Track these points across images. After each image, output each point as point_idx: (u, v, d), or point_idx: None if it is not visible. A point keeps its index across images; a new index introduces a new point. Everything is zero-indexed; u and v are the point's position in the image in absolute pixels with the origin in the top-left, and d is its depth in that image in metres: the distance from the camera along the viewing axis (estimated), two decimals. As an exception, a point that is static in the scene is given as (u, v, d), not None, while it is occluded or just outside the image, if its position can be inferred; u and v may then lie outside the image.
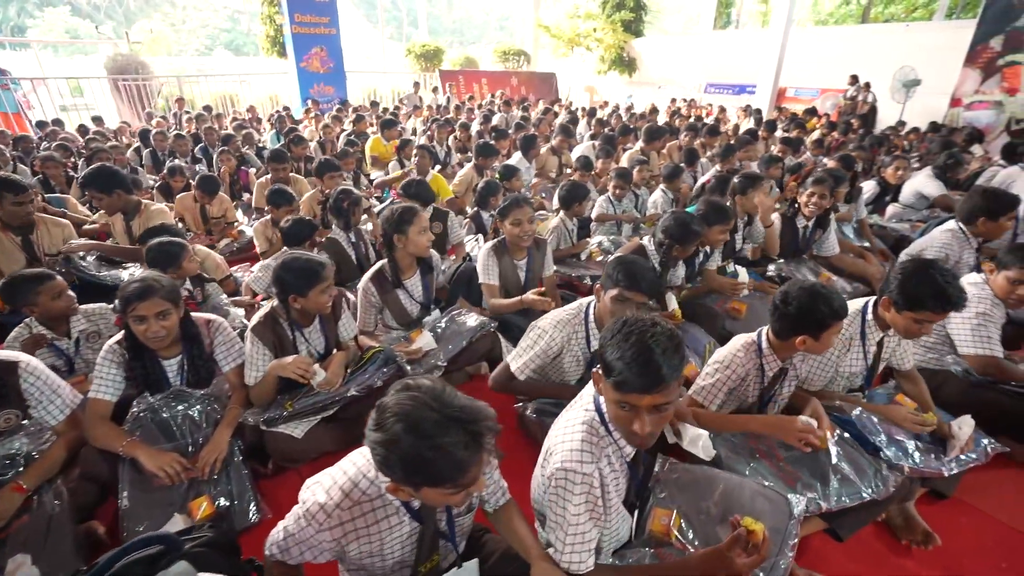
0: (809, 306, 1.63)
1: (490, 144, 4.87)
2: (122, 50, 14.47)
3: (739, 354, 1.81)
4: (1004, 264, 2.22)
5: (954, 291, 1.76)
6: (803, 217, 3.38)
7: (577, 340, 2.00)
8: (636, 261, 1.87)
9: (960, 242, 2.93)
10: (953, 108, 10.74)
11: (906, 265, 1.88)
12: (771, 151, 6.11)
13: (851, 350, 2.04)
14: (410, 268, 2.56)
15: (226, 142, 6.09)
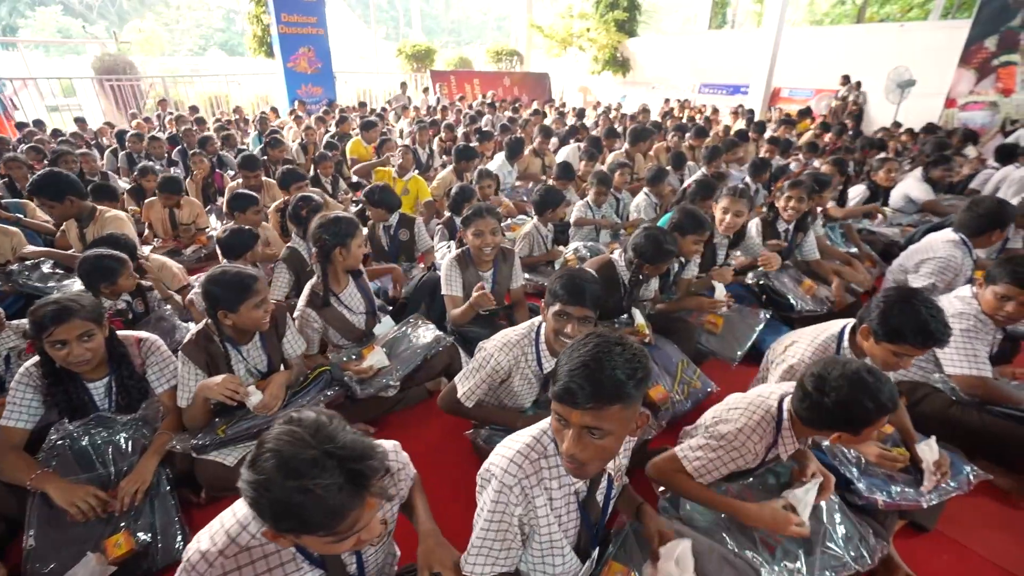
0: (852, 400, 1.32)
1: (469, 147, 4.73)
2: (110, 50, 14.28)
3: (754, 436, 1.47)
4: (993, 278, 2.08)
5: (937, 326, 1.62)
6: (783, 221, 3.24)
7: (527, 362, 1.86)
8: (576, 273, 1.74)
9: (963, 254, 2.75)
10: (948, 109, 10.64)
11: (889, 293, 1.74)
12: (761, 153, 5.99)
13: None
14: (343, 279, 2.42)
15: (203, 144, 5.94)
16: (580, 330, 1.70)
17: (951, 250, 2.73)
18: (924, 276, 2.78)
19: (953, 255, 2.71)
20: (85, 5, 25.78)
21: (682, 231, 2.57)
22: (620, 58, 15.16)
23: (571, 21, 14.86)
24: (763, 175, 4.84)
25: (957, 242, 2.77)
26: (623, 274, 2.50)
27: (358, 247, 2.29)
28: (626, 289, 2.49)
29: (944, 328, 1.62)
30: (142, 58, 23.64)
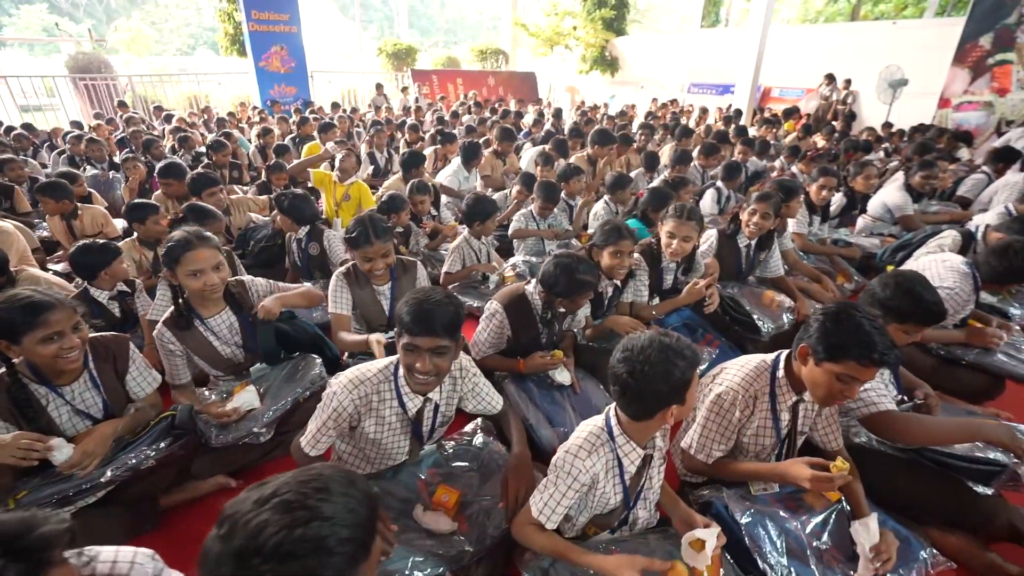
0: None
1: (416, 153, 4.40)
2: (85, 48, 13.96)
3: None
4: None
5: (883, 341, 1.35)
6: (744, 236, 2.90)
7: (383, 400, 1.56)
8: (427, 296, 1.44)
9: (971, 290, 2.38)
10: (942, 109, 10.29)
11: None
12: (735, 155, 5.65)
13: (755, 416, 1.58)
14: (213, 304, 2.07)
15: (147, 147, 5.61)
16: (435, 365, 1.43)
17: (959, 281, 2.36)
18: None
19: (963, 288, 2.35)
20: (71, 3, 25.46)
21: (599, 243, 2.24)
22: (608, 57, 14.81)
23: (556, 19, 14.50)
24: (735, 179, 4.50)
25: (968, 275, 2.38)
26: (537, 309, 2.16)
27: (187, 276, 1.92)
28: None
29: (890, 346, 1.35)
30: (128, 57, 23.39)
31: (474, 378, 1.75)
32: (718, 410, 1.58)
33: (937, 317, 1.68)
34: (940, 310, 1.68)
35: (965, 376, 2.33)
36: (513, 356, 2.20)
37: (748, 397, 1.56)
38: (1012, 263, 2.27)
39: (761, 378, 1.59)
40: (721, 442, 1.60)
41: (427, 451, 1.78)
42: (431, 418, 1.68)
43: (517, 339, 2.17)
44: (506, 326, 2.14)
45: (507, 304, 2.12)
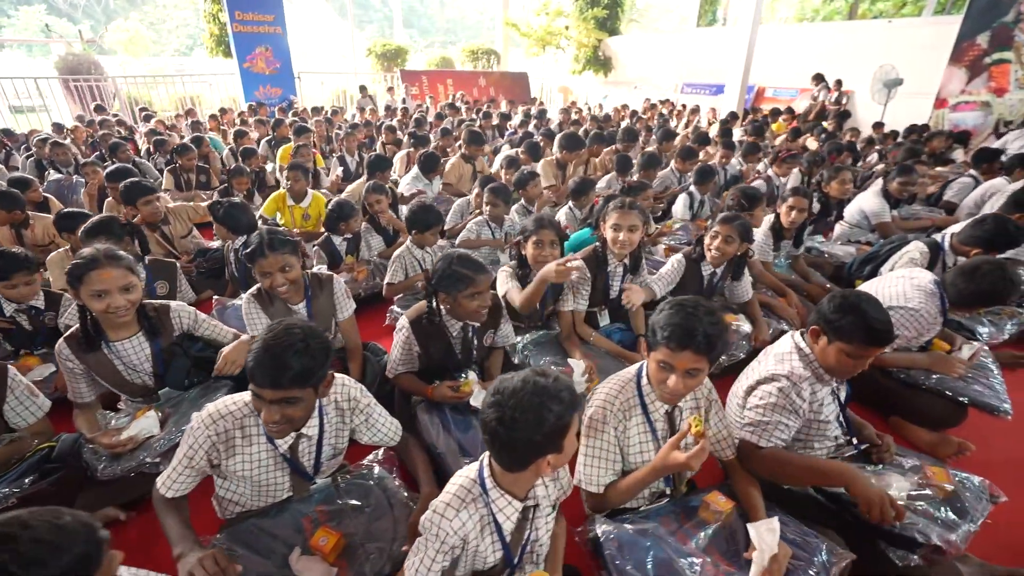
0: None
1: (383, 156, 4.27)
2: (76, 50, 13.92)
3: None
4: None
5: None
6: (708, 264, 2.69)
7: (248, 436, 1.44)
8: (277, 340, 1.28)
9: (937, 311, 2.19)
10: (938, 109, 10.08)
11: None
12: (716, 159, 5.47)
13: (631, 431, 1.52)
14: (124, 328, 1.93)
15: (114, 151, 5.49)
16: (284, 415, 1.32)
17: (927, 302, 2.18)
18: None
19: (928, 310, 2.17)
20: (70, 4, 25.49)
21: (522, 235, 2.30)
22: (602, 57, 14.65)
23: (548, 19, 14.33)
24: (707, 183, 4.33)
25: (935, 294, 2.20)
26: (452, 330, 2.04)
27: (90, 297, 1.78)
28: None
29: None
30: (124, 58, 23.38)
31: (367, 409, 1.61)
32: (592, 433, 1.49)
33: (883, 338, 1.51)
34: (886, 329, 1.52)
35: (925, 401, 2.18)
36: (434, 374, 2.07)
37: (618, 411, 1.49)
38: (980, 286, 2.06)
39: (627, 390, 1.53)
40: (606, 467, 1.50)
41: (320, 485, 1.64)
42: (312, 453, 1.54)
43: (429, 357, 2.03)
44: (413, 342, 2.00)
45: (413, 318, 1.99)
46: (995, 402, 2.05)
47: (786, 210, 3.30)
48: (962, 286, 2.11)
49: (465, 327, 2.03)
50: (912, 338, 2.22)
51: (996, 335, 2.67)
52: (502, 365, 2.26)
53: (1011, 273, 2.05)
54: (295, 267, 2.05)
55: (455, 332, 2.03)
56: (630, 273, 2.57)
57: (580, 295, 2.45)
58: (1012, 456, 2.20)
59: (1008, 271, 2.06)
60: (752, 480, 1.58)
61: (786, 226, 3.33)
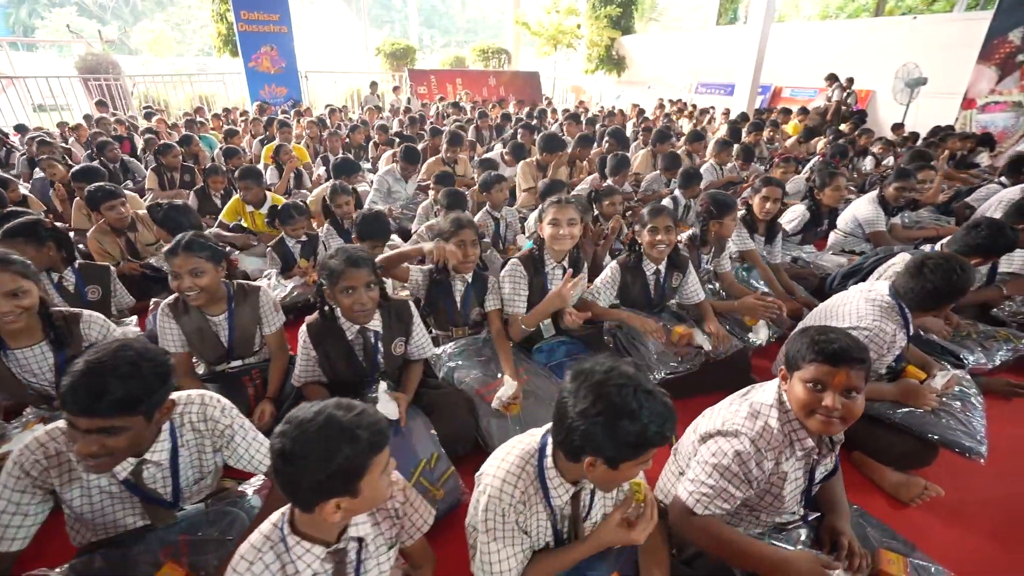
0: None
1: (349, 160, 4.16)
2: (96, 49, 14.25)
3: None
4: (796, 361, 1.35)
5: (654, 423, 1.04)
6: (651, 261, 2.53)
7: None
8: (99, 360, 1.15)
9: (896, 328, 1.90)
10: (966, 110, 9.54)
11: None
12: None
13: (530, 516, 1.24)
14: (23, 335, 1.84)
15: (101, 149, 5.51)
16: (103, 446, 1.18)
17: (882, 318, 1.91)
18: None
19: (883, 328, 1.89)
20: (99, 6, 26.25)
21: (443, 236, 2.16)
22: (615, 56, 14.36)
23: (558, 17, 14.11)
24: (693, 187, 4.10)
25: (892, 307, 1.94)
26: (356, 347, 1.91)
27: None
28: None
29: (660, 428, 1.08)
30: (148, 58, 23.95)
31: (228, 432, 1.46)
32: (488, 522, 1.21)
33: (832, 350, 1.27)
34: (826, 339, 1.30)
35: (891, 438, 1.94)
36: (346, 387, 1.93)
37: (518, 504, 1.21)
38: (927, 283, 1.83)
39: (525, 475, 1.23)
40: (505, 558, 1.22)
41: (189, 511, 1.51)
42: (166, 478, 1.40)
43: (330, 364, 1.89)
44: (310, 348, 1.87)
45: (310, 322, 1.86)
46: (968, 441, 1.81)
47: (759, 201, 3.11)
48: (913, 287, 1.88)
49: (363, 331, 1.89)
50: (872, 361, 1.98)
51: (985, 362, 2.40)
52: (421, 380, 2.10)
53: (958, 263, 1.84)
54: (208, 273, 1.92)
55: (352, 335, 1.88)
56: (574, 273, 2.39)
57: (517, 297, 2.28)
58: (989, 499, 1.95)
59: (956, 261, 1.84)
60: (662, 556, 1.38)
61: (759, 216, 3.14)
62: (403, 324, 1.98)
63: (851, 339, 1.30)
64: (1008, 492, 1.99)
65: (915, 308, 1.92)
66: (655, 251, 2.42)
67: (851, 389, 1.25)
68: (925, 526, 1.83)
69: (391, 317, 1.94)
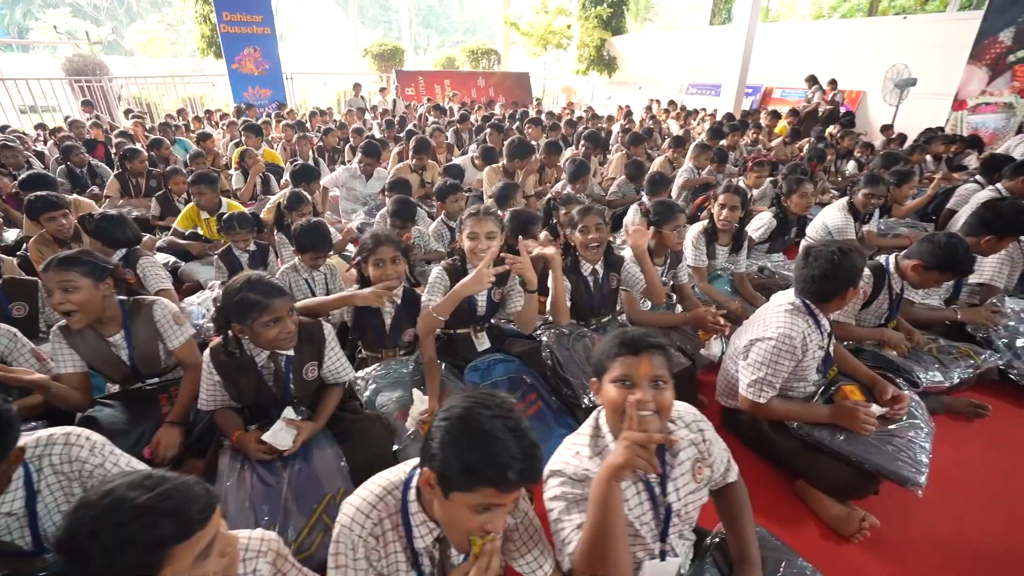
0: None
1: (308, 166, 4.06)
2: (83, 50, 14.19)
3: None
4: (603, 363, 1.31)
5: (502, 456, 0.94)
6: (586, 262, 2.44)
7: None
8: None
9: (806, 327, 1.86)
10: (956, 111, 9.43)
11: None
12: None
13: (388, 553, 1.13)
14: None
15: (67, 154, 5.42)
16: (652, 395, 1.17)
17: (787, 326, 1.85)
18: (751, 369, 1.92)
19: (788, 335, 1.83)
20: (93, 6, 26.18)
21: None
22: (606, 57, 14.25)
23: (547, 17, 13.99)
24: (660, 193, 4.00)
25: (796, 310, 1.90)
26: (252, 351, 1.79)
27: None
28: None
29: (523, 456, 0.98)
30: (144, 59, 23.88)
31: (100, 470, 1.34)
32: (338, 556, 1.11)
33: (629, 341, 1.22)
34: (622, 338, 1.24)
35: (828, 466, 1.83)
36: (255, 412, 1.85)
37: (369, 537, 1.11)
38: (814, 271, 1.82)
39: (385, 505, 1.12)
40: None
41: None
42: (24, 528, 1.30)
43: (239, 392, 1.79)
44: (214, 374, 1.76)
45: (214, 347, 1.75)
46: (908, 471, 1.69)
47: (718, 209, 3.01)
48: (804, 278, 1.87)
49: (274, 356, 1.78)
50: (780, 376, 1.87)
51: (942, 380, 2.29)
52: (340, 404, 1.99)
53: (839, 246, 1.83)
54: (83, 290, 1.79)
55: (261, 361, 1.78)
56: (496, 287, 2.30)
57: (433, 295, 2.18)
58: (934, 536, 1.84)
59: (838, 247, 1.83)
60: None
61: (720, 227, 3.03)
62: (315, 347, 1.87)
63: (650, 332, 1.26)
64: (955, 528, 1.88)
65: (816, 299, 1.89)
66: (589, 251, 2.36)
67: (657, 379, 1.17)
68: (859, 565, 1.73)
69: (302, 340, 1.84)
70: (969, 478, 2.10)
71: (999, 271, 2.83)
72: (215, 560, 0.91)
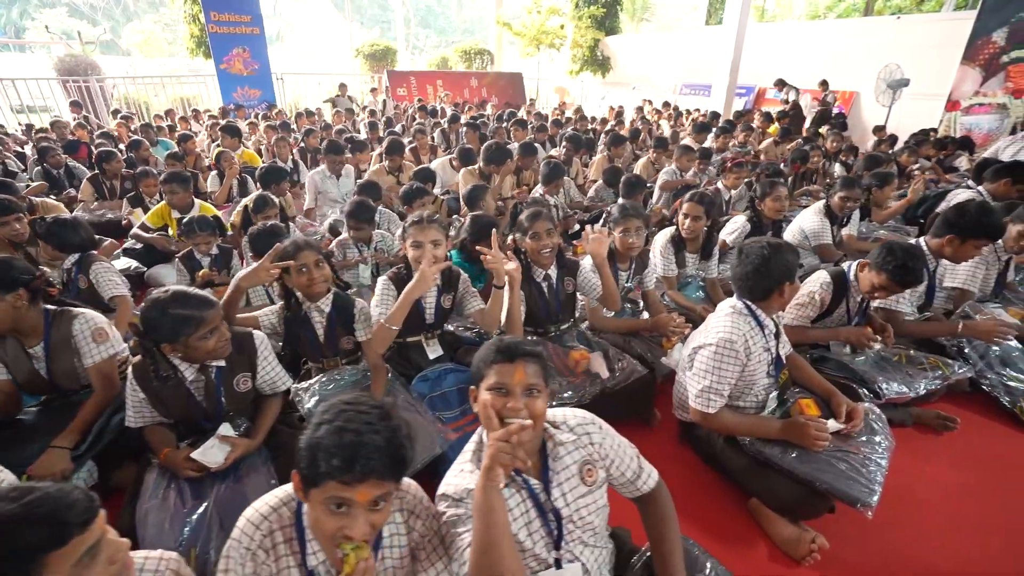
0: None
1: (275, 168, 3.99)
2: (75, 50, 14.14)
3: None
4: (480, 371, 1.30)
5: (343, 449, 0.97)
6: (539, 267, 2.37)
7: None
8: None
9: (749, 328, 1.81)
10: (950, 112, 9.35)
11: None
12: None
13: (280, 567, 1.08)
14: None
15: (43, 155, 5.36)
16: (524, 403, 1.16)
17: (727, 329, 1.79)
18: (696, 377, 1.86)
19: (729, 339, 1.77)
20: (90, 6, 26.16)
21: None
22: (600, 57, 14.17)
23: (539, 17, 13.91)
24: (635, 196, 3.93)
25: (739, 314, 1.84)
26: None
27: None
28: None
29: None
30: (140, 59, 23.85)
31: None
32: (227, 572, 1.05)
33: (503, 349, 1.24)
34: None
35: (779, 484, 1.76)
36: (186, 427, 1.78)
37: (259, 548, 1.06)
38: (747, 267, 1.80)
39: (282, 513, 1.09)
40: None
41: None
42: None
43: (168, 409, 1.72)
44: (138, 391, 1.69)
45: (136, 364, 1.68)
46: (859, 490, 1.61)
47: (681, 218, 2.93)
48: (738, 276, 1.85)
49: (203, 369, 1.71)
50: (726, 382, 1.80)
51: (907, 391, 2.21)
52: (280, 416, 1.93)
53: (768, 242, 1.81)
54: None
55: (191, 377, 1.71)
56: (445, 293, 2.24)
57: (382, 307, 2.12)
58: (892, 558, 1.77)
59: (768, 242, 1.81)
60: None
61: (685, 236, 2.96)
62: (245, 357, 1.80)
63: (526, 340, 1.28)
64: (915, 549, 1.81)
65: (755, 298, 1.84)
66: (541, 257, 2.31)
67: (531, 387, 1.15)
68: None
69: (232, 351, 1.77)
70: (933, 495, 2.02)
71: (972, 275, 2.77)
72: (103, 567, 0.90)
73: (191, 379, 1.72)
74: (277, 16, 28.69)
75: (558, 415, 1.29)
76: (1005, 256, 2.84)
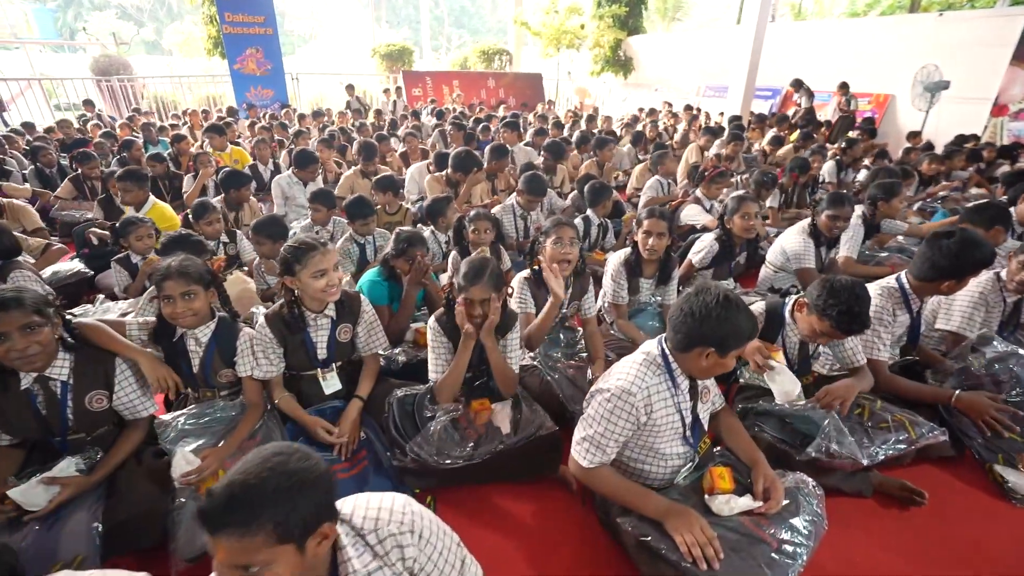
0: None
1: (235, 172, 3.88)
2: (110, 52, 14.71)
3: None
4: None
5: None
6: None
7: None
8: None
9: (657, 379, 1.53)
10: (996, 117, 8.56)
11: None
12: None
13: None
14: None
15: (35, 154, 5.45)
16: None
17: (629, 380, 1.52)
18: (584, 423, 1.60)
19: (628, 391, 1.49)
20: (137, 8, 27.32)
21: None
22: (622, 58, 13.74)
23: (557, 16, 13.57)
24: (602, 204, 3.65)
25: (649, 360, 1.56)
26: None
27: None
28: None
29: None
30: (180, 59, 24.71)
31: None
32: None
33: None
34: None
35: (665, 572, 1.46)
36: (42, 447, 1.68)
37: None
38: (687, 308, 1.46)
39: None
40: None
41: None
42: None
43: (7, 421, 1.60)
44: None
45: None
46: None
47: (641, 236, 2.61)
48: (674, 312, 1.51)
49: (42, 379, 1.59)
50: (613, 438, 1.52)
51: (859, 456, 1.84)
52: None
53: (727, 299, 1.44)
54: None
55: (27, 383, 1.57)
56: (342, 323, 2.03)
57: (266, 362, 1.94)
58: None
59: (727, 296, 1.45)
60: None
61: (646, 257, 2.64)
62: (100, 373, 1.65)
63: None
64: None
65: (676, 347, 1.53)
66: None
67: (243, 564, 0.87)
68: None
69: (86, 363, 1.61)
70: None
71: (970, 318, 2.37)
72: None
73: (27, 387, 1.57)
74: (311, 16, 29.26)
75: (369, 519, 1.07)
76: (1012, 298, 2.41)
